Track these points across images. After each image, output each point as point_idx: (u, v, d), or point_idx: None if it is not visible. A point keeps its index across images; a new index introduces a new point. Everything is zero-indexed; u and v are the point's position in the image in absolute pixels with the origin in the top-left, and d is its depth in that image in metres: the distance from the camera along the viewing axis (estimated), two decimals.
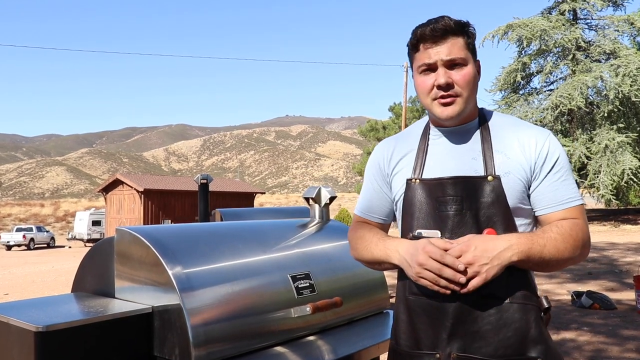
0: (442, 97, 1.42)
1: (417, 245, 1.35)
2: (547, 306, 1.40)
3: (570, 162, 22.04)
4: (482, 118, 1.51)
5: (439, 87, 1.42)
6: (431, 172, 1.48)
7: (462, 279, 1.28)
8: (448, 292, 1.32)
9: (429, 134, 1.54)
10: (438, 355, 1.40)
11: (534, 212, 1.45)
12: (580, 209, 1.43)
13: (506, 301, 1.36)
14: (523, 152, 1.42)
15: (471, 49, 1.44)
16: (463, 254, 1.29)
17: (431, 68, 1.43)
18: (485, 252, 1.29)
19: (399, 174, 1.55)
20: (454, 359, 1.37)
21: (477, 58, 1.48)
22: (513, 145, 1.44)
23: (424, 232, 1.43)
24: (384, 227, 1.65)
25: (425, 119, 1.60)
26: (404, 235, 1.50)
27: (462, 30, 1.43)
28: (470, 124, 1.49)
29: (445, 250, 1.31)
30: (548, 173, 1.42)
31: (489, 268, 1.28)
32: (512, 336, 1.35)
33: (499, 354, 1.35)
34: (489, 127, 1.49)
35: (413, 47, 1.47)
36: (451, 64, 1.41)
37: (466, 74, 1.42)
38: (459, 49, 1.41)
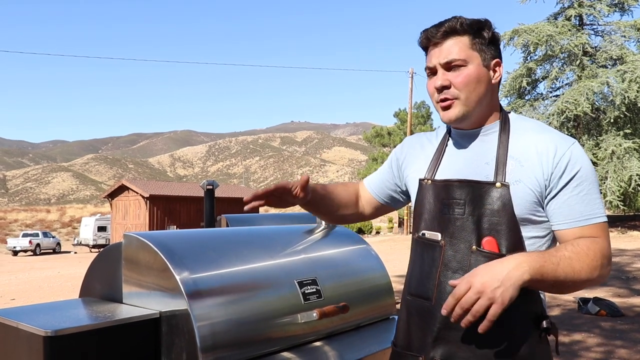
0: (442, 100, 1.40)
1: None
2: (545, 326, 1.32)
3: None
4: (505, 122, 1.44)
5: (438, 90, 1.40)
6: (443, 173, 1.45)
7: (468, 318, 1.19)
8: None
9: (449, 135, 1.53)
10: (421, 359, 1.38)
11: (551, 226, 1.37)
12: (601, 227, 1.34)
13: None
14: (540, 160, 1.34)
15: (479, 48, 1.39)
16: (471, 286, 1.19)
17: (432, 71, 1.42)
18: (494, 276, 1.18)
19: (414, 173, 1.55)
20: None
21: (497, 58, 1.42)
22: (529, 152, 1.36)
23: (427, 234, 1.42)
24: (372, 201, 1.74)
25: None
26: (412, 234, 1.51)
27: (469, 29, 1.39)
28: (489, 126, 1.44)
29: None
30: (566, 185, 1.33)
31: (503, 291, 1.17)
32: (499, 351, 1.30)
33: None
34: (510, 131, 1.42)
35: (424, 50, 1.47)
36: (449, 66, 1.38)
37: (465, 74, 1.37)
38: (459, 50, 1.38)
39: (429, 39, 1.42)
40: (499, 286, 1.17)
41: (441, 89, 1.39)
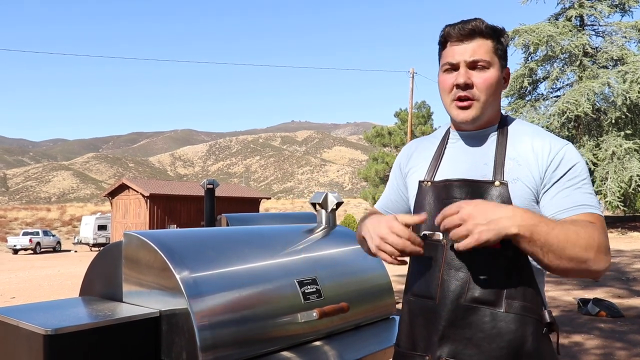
0: (460, 98, 1.40)
1: (382, 220, 1.37)
2: (549, 320, 1.34)
3: None
4: (503, 124, 1.47)
5: (458, 87, 1.40)
6: (443, 174, 1.47)
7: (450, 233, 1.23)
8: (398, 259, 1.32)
9: (448, 137, 1.54)
10: (428, 358, 1.38)
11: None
12: (596, 217, 1.32)
13: (502, 310, 1.31)
14: (536, 158, 1.37)
15: (499, 54, 1.42)
16: (461, 209, 1.22)
17: (454, 67, 1.42)
18: (484, 213, 1.20)
19: (414, 175, 1.56)
20: None
21: (507, 66, 1.46)
22: (526, 152, 1.39)
23: (428, 234, 1.43)
24: None
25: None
26: None
27: (492, 34, 1.41)
28: (489, 129, 1.47)
29: (408, 226, 1.33)
30: (559, 179, 1.35)
31: (483, 230, 1.18)
32: (505, 347, 1.30)
33: None
34: (508, 133, 1.45)
35: (441, 45, 1.46)
36: (474, 66, 1.39)
37: (488, 77, 1.39)
38: (485, 52, 1.39)
39: (454, 35, 1.41)
40: (482, 223, 1.19)
41: (464, 87, 1.39)
